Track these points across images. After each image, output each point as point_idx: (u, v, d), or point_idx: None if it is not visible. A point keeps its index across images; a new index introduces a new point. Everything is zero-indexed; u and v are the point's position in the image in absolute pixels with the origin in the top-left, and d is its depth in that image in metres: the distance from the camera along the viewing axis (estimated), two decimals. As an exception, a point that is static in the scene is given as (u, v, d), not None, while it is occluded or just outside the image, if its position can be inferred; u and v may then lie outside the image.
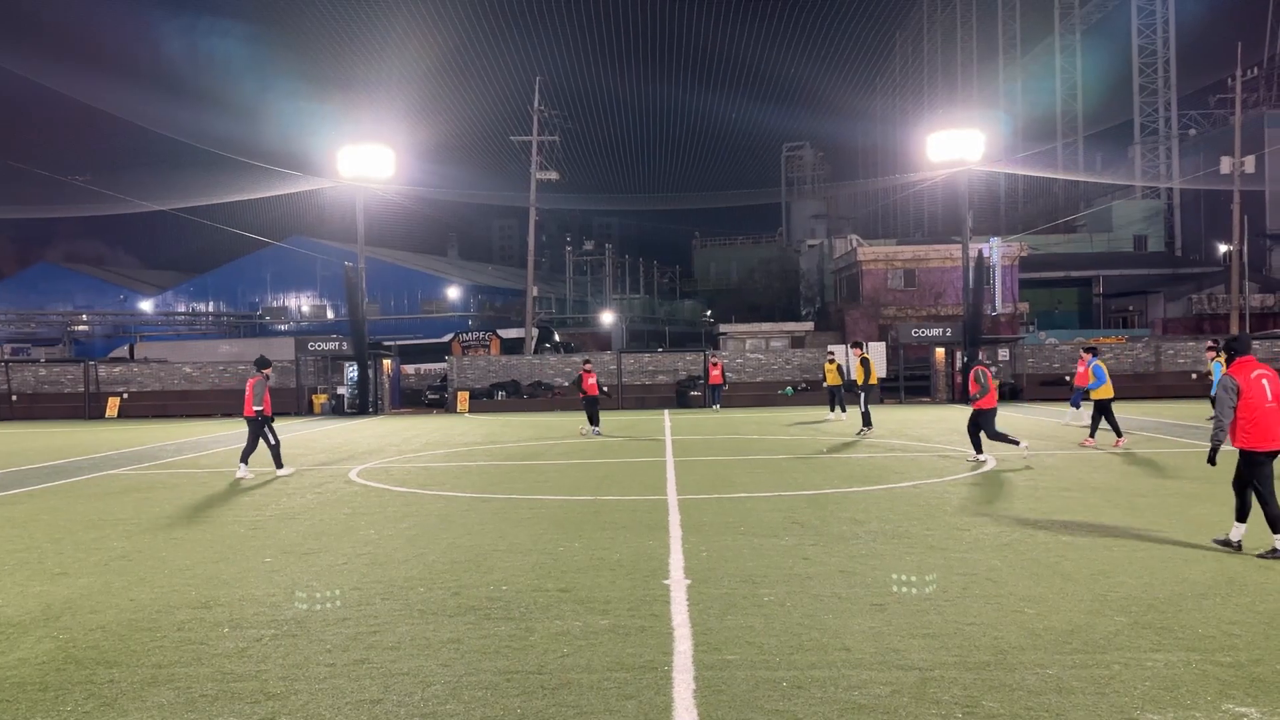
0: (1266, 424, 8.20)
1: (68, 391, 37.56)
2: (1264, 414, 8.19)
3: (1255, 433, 8.23)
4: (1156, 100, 73.64)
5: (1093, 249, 68.65)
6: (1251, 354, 8.51)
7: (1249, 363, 8.39)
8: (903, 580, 7.84)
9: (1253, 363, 8.39)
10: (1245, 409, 8.25)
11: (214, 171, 44.19)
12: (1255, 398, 8.22)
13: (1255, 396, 8.22)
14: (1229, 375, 8.38)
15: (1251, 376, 8.28)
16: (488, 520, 11.19)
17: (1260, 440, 8.23)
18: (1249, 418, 8.24)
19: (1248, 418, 8.24)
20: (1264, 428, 8.20)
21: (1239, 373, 8.34)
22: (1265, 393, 8.23)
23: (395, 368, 38.64)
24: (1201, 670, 5.56)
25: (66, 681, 5.79)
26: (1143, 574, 7.86)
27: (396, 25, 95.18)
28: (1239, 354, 8.51)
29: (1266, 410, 8.20)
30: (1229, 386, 8.28)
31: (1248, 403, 8.23)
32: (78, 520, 11.84)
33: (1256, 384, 8.25)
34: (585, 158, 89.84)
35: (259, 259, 71.31)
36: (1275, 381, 8.30)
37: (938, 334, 36.02)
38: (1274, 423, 8.23)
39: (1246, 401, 8.23)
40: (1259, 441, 8.24)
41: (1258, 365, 8.39)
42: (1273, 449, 8.27)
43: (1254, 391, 8.23)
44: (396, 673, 5.80)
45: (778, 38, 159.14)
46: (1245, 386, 8.25)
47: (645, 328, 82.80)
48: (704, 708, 5.14)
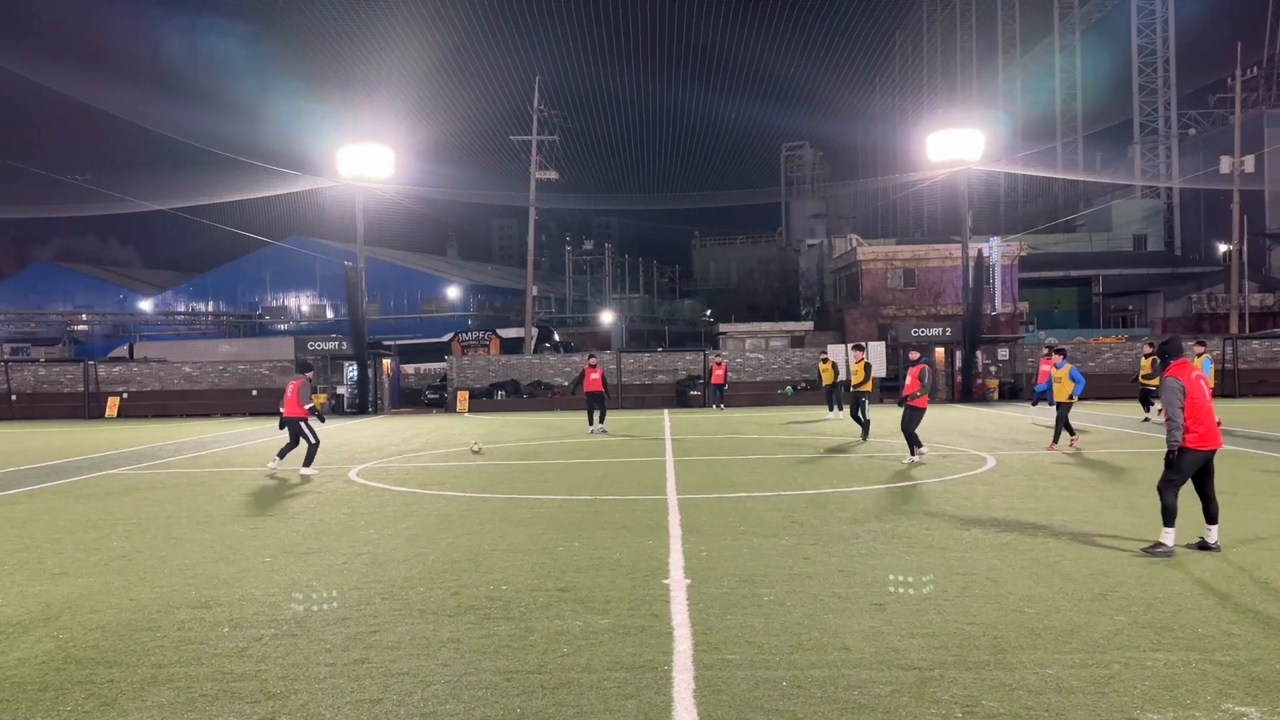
0: (1209, 422, 8.40)
1: (67, 391, 37.55)
2: (1205, 412, 8.38)
3: (1200, 431, 8.36)
4: (1156, 100, 73.64)
5: (1092, 248, 68.66)
6: (1185, 357, 8.65)
7: (1186, 364, 8.52)
8: (902, 580, 7.84)
9: (1189, 365, 8.54)
10: (1191, 409, 8.36)
11: (214, 171, 44.20)
12: (1199, 398, 8.38)
13: (1199, 397, 8.39)
14: (1173, 377, 8.46)
15: (1193, 378, 8.44)
16: (487, 520, 11.19)
17: (1203, 439, 8.38)
18: (1194, 417, 8.36)
19: (1193, 417, 8.36)
20: (1207, 426, 8.38)
21: (1182, 374, 8.44)
22: (1204, 392, 8.44)
23: (395, 367, 38.63)
24: (1201, 670, 5.57)
25: (66, 681, 5.79)
26: (1142, 573, 7.87)
27: (396, 24, 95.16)
28: (1175, 356, 8.60)
29: (1208, 409, 8.42)
30: (1176, 388, 8.35)
31: (1193, 403, 8.36)
32: (77, 520, 11.84)
33: (1197, 384, 8.41)
34: (585, 157, 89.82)
35: (258, 259, 71.30)
36: (1208, 383, 8.52)
37: (937, 333, 36.02)
38: (1213, 421, 8.47)
39: (1192, 402, 8.36)
40: (1203, 441, 8.38)
41: (1193, 367, 8.55)
42: (1213, 448, 8.45)
43: (1197, 392, 8.39)
44: (396, 672, 5.80)
45: (777, 37, 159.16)
46: (1190, 387, 8.37)
47: (645, 327, 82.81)
48: (704, 707, 5.14)
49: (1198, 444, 8.39)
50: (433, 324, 63.52)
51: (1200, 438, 8.38)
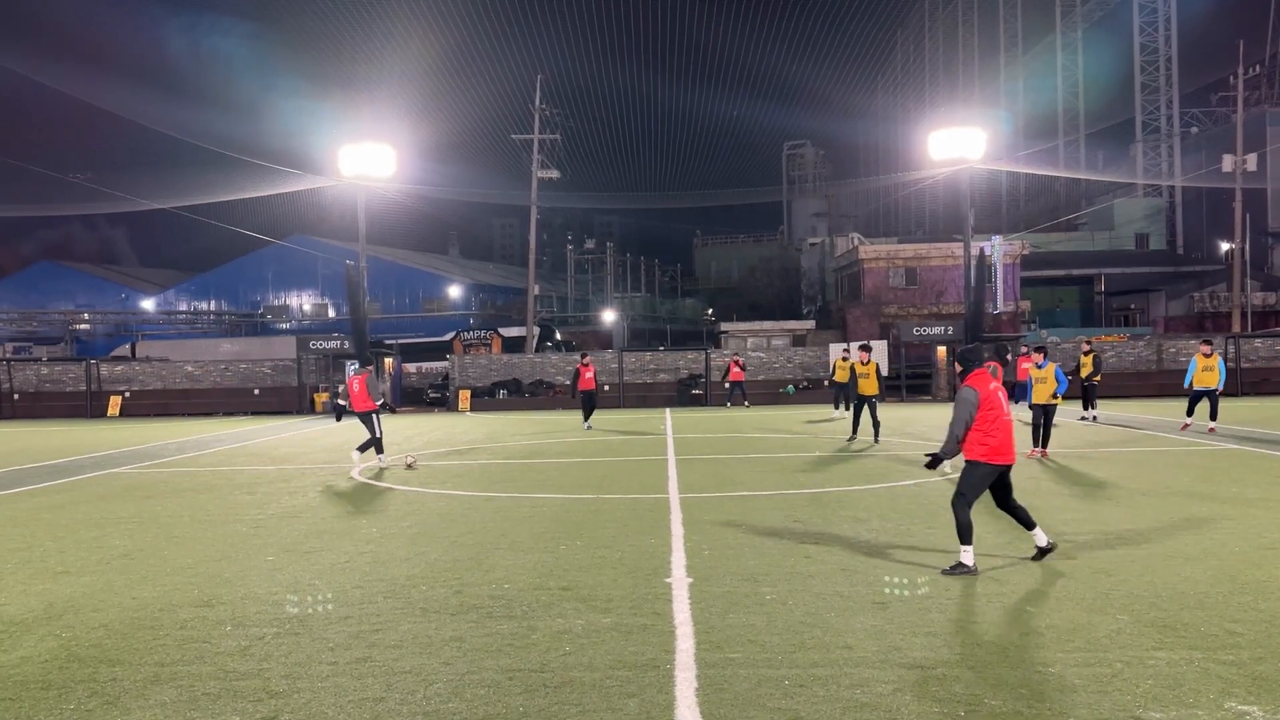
0: (1003, 436, 8.02)
1: (69, 390, 37.58)
2: (1001, 426, 8.00)
3: (992, 444, 7.99)
4: (1158, 98, 73.56)
5: (1094, 247, 68.59)
6: (985, 366, 8.28)
7: (985, 374, 8.17)
8: (904, 578, 7.84)
9: (988, 374, 8.18)
10: (986, 420, 8.00)
11: (215, 170, 44.23)
12: (996, 409, 8.03)
13: (996, 409, 8.03)
14: (969, 387, 8.09)
15: (990, 389, 8.07)
16: (489, 519, 11.20)
17: (996, 453, 8.01)
18: (989, 430, 7.99)
19: (987, 430, 7.99)
20: (1001, 440, 8.01)
21: (979, 384, 8.08)
22: (1002, 404, 8.06)
23: (397, 366, 38.65)
24: (1204, 668, 5.56)
25: (69, 680, 5.80)
26: (1145, 572, 7.86)
27: (398, 23, 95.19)
28: (976, 365, 8.25)
29: (1005, 422, 8.03)
30: (969, 400, 8.00)
31: (988, 414, 8.00)
32: (79, 519, 11.85)
33: (995, 396, 8.06)
34: (586, 156, 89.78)
35: (260, 258, 71.33)
36: (1006, 395, 8.16)
37: (939, 332, 36.03)
38: (1010, 435, 8.09)
39: (987, 413, 8.00)
40: (994, 454, 8.01)
41: (994, 378, 8.20)
42: (1006, 463, 8.07)
43: (994, 403, 8.04)
44: (399, 671, 5.81)
45: (779, 36, 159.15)
46: (986, 397, 8.02)
47: (646, 326, 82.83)
48: (706, 706, 5.14)
49: (990, 457, 7.99)
50: (434, 323, 63.54)
51: (994, 451, 7.98)
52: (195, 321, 71.70)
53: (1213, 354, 19.92)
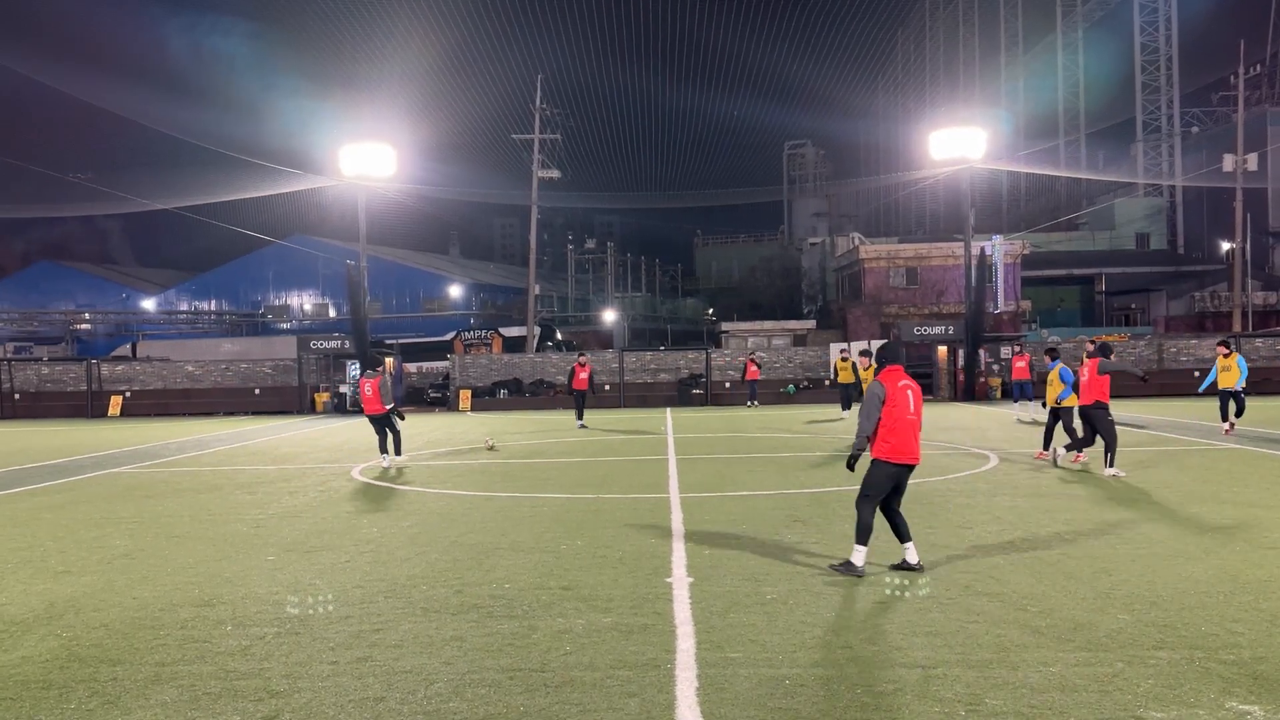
0: (906, 435, 7.96)
1: (70, 390, 37.59)
2: (905, 425, 7.94)
3: (894, 443, 7.94)
4: (1159, 98, 73.55)
5: (1095, 247, 68.57)
6: (901, 364, 8.25)
7: (897, 372, 8.13)
8: (904, 578, 7.84)
9: (900, 372, 8.14)
10: (888, 419, 7.96)
11: (216, 170, 44.22)
12: (899, 408, 7.96)
13: (899, 407, 7.96)
14: (878, 383, 8.07)
15: (899, 386, 8.01)
16: (490, 518, 11.20)
17: (898, 452, 7.97)
18: (891, 428, 7.96)
19: (890, 428, 7.96)
20: (903, 439, 7.95)
21: (887, 381, 8.04)
22: (909, 404, 7.99)
23: (397, 366, 38.65)
24: (1204, 668, 5.56)
25: (70, 679, 5.80)
26: (1145, 572, 7.86)
27: (398, 23, 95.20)
28: (888, 363, 8.23)
29: (908, 422, 7.96)
30: (876, 395, 7.98)
31: (891, 413, 7.95)
32: (80, 519, 11.85)
33: (902, 394, 7.98)
34: (587, 156, 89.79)
35: (261, 257, 71.34)
36: (918, 395, 8.09)
37: (940, 332, 36.02)
38: (914, 435, 8.02)
39: (890, 411, 7.95)
40: (896, 453, 7.97)
41: (905, 376, 8.14)
42: (909, 463, 8.03)
43: (899, 401, 7.96)
44: (399, 670, 5.81)
45: (779, 35, 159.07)
46: (891, 395, 7.96)
47: (647, 326, 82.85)
48: (707, 705, 5.14)
49: (890, 456, 7.96)
50: (435, 323, 63.52)
51: (894, 450, 7.95)
52: (196, 321, 71.71)
53: (1231, 353, 19.72)
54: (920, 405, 8.08)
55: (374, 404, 16.72)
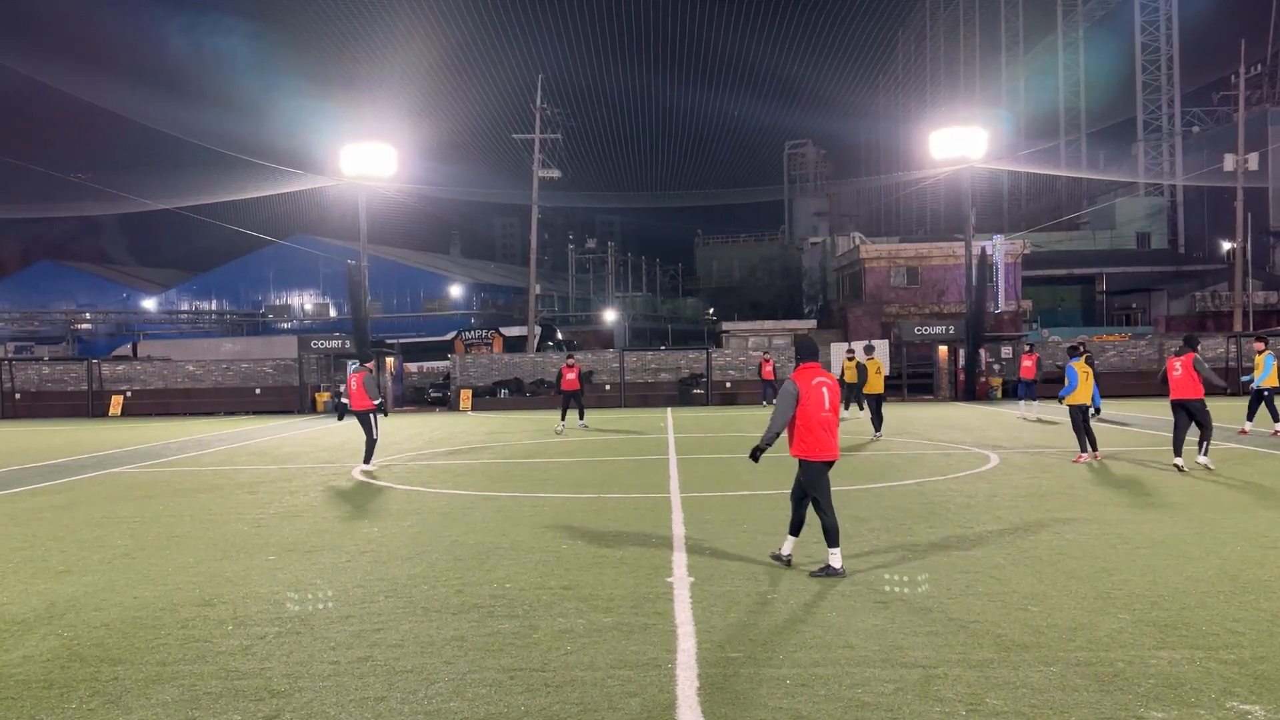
0: (820, 433, 7.96)
1: (71, 390, 37.59)
2: (819, 422, 7.94)
3: (810, 440, 7.96)
4: (1159, 97, 73.52)
5: (1095, 246, 68.55)
6: (817, 361, 8.27)
7: (813, 369, 8.14)
8: (906, 578, 7.84)
9: (816, 369, 8.14)
10: (802, 416, 7.97)
11: (217, 170, 44.23)
12: (813, 405, 7.95)
13: (813, 404, 7.95)
14: (791, 380, 8.08)
15: (813, 384, 8.00)
16: (490, 518, 11.20)
17: (815, 450, 7.97)
18: (805, 425, 7.96)
19: (804, 425, 7.97)
20: (818, 436, 7.95)
21: (800, 379, 8.04)
22: (823, 401, 7.97)
23: (398, 366, 38.66)
24: (1205, 668, 5.56)
25: (71, 679, 5.80)
26: (1146, 572, 7.86)
27: (399, 23, 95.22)
28: (803, 360, 8.24)
29: (823, 419, 7.96)
30: (790, 392, 7.99)
31: (805, 410, 7.95)
32: (81, 518, 11.86)
33: (816, 391, 7.97)
34: (587, 155, 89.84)
35: (261, 257, 71.35)
36: (834, 391, 8.06)
37: (940, 332, 36.01)
38: (829, 433, 8.01)
39: (804, 409, 7.95)
40: (813, 451, 7.97)
41: (821, 373, 8.12)
42: (827, 459, 8.03)
43: (813, 399, 7.96)
44: (400, 670, 5.81)
45: (780, 35, 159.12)
46: (805, 393, 7.96)
47: (648, 325, 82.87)
48: (707, 705, 5.14)
49: (810, 454, 7.98)
50: (435, 322, 63.53)
51: (812, 447, 7.96)
52: (197, 321, 71.73)
53: (1264, 350, 19.57)
54: (836, 402, 8.08)
55: (359, 399, 16.29)
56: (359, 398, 16.34)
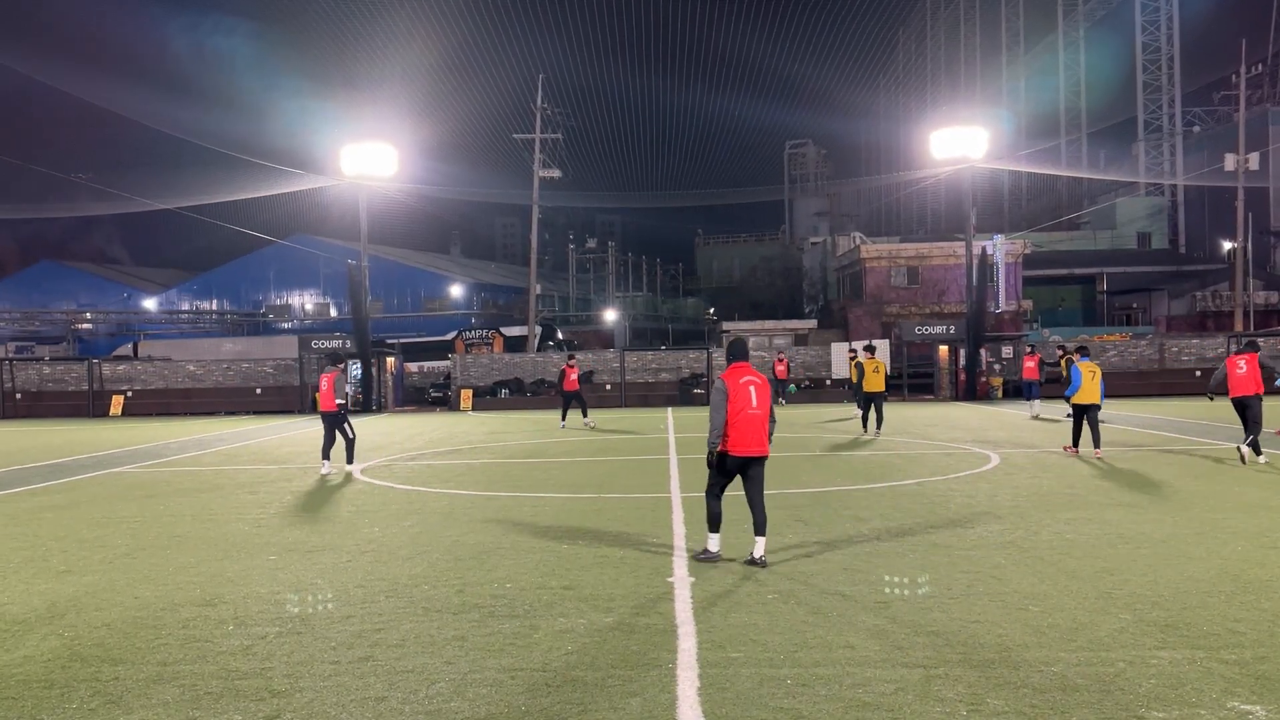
0: (745, 429, 8.29)
1: (71, 390, 37.60)
2: (745, 419, 8.29)
3: (734, 436, 8.30)
4: (1160, 97, 73.52)
5: (1096, 246, 68.56)
6: (747, 361, 8.64)
7: (742, 369, 8.50)
8: (907, 578, 7.83)
9: (745, 369, 8.49)
10: (731, 414, 8.31)
11: (217, 170, 44.27)
12: (741, 403, 8.30)
13: (741, 402, 8.30)
14: (720, 380, 8.45)
15: (740, 382, 8.36)
16: (491, 518, 11.20)
17: (738, 445, 8.31)
18: (733, 422, 8.31)
19: (731, 422, 8.31)
20: (742, 432, 8.29)
21: (729, 378, 8.41)
22: (750, 399, 8.32)
23: (398, 366, 38.66)
24: (1207, 668, 5.55)
25: (72, 679, 5.80)
26: (1147, 572, 7.86)
27: (400, 23, 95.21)
28: (733, 359, 8.63)
29: (749, 416, 8.30)
30: (720, 390, 8.34)
31: (733, 407, 8.30)
32: (82, 518, 11.86)
33: (744, 389, 8.33)
34: (588, 155, 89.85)
35: (262, 257, 71.39)
36: (762, 391, 8.40)
37: (941, 331, 36.00)
38: (753, 430, 8.32)
39: (733, 406, 8.29)
40: (737, 446, 8.32)
41: (749, 372, 8.47)
42: (750, 454, 8.34)
43: (740, 397, 8.31)
44: (401, 670, 5.81)
45: (780, 35, 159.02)
46: (733, 391, 8.31)
47: (648, 325, 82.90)
48: (708, 705, 5.14)
49: (732, 449, 8.32)
50: (436, 322, 63.57)
51: (735, 443, 8.30)
52: (197, 321, 71.75)
53: None
54: (765, 399, 8.40)
55: (326, 400, 15.99)
56: (326, 399, 16.01)
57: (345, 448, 16.03)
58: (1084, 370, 16.14)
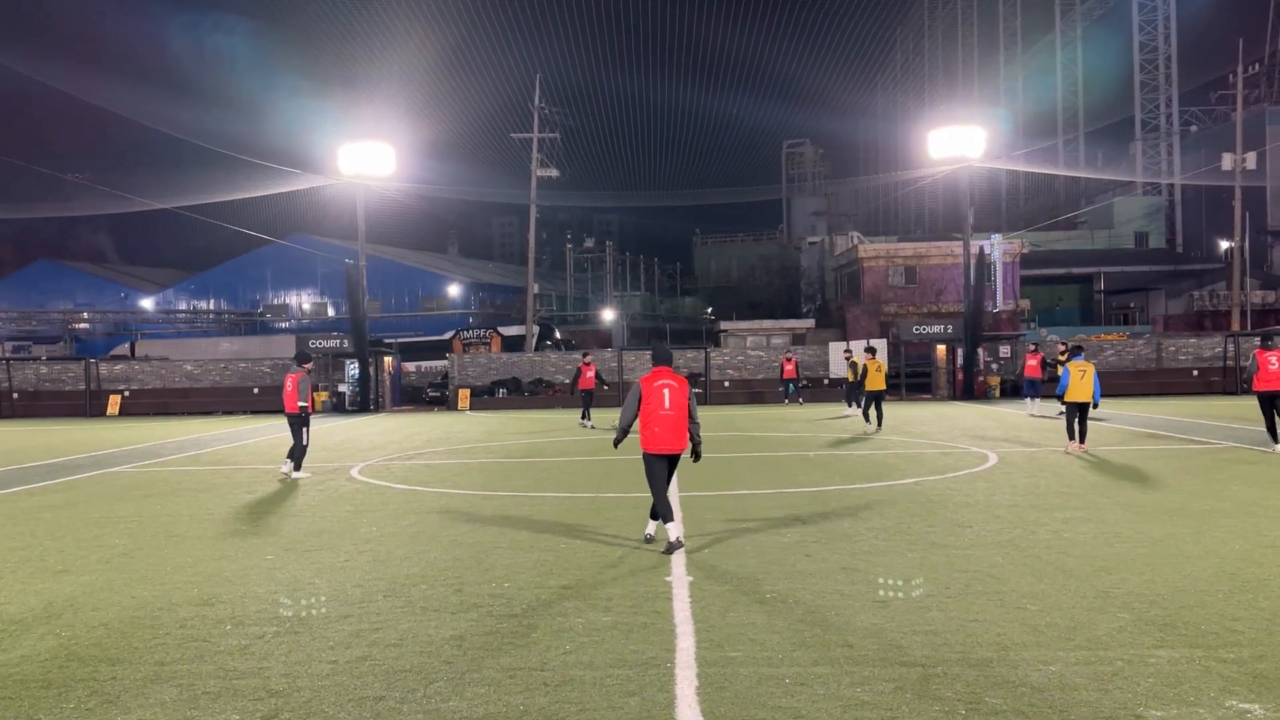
0: (656, 428, 9.01)
1: (68, 389, 37.57)
2: (656, 419, 9.00)
3: (647, 435, 9.05)
4: (1158, 96, 73.53)
5: (1094, 246, 68.58)
6: (668, 366, 9.32)
7: (660, 373, 9.21)
8: (904, 577, 7.83)
9: (663, 374, 9.19)
10: (644, 414, 9.04)
11: (215, 169, 44.19)
12: (654, 404, 9.03)
13: (654, 403, 9.03)
14: (638, 382, 9.15)
15: (655, 385, 9.07)
16: (489, 518, 11.20)
17: (650, 443, 9.05)
18: (645, 422, 9.06)
19: (644, 422, 9.06)
20: (654, 431, 9.02)
21: (646, 381, 9.13)
22: (663, 401, 9.02)
23: (396, 365, 38.64)
24: (1205, 666, 5.56)
25: (69, 679, 5.79)
26: (1145, 570, 7.86)
27: (398, 22, 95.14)
28: (655, 364, 9.35)
29: (660, 416, 9.01)
30: (635, 392, 9.12)
31: (646, 408, 9.02)
32: (79, 518, 11.84)
33: (658, 392, 9.04)
34: (586, 155, 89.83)
35: (260, 256, 71.29)
36: (677, 393, 9.07)
37: (939, 331, 36.03)
38: (666, 429, 9.02)
39: (646, 407, 9.02)
40: (649, 444, 9.07)
41: (667, 376, 9.16)
42: (661, 452, 9.06)
43: (654, 399, 9.03)
44: (399, 670, 5.80)
45: (778, 34, 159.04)
46: (647, 394, 9.02)
47: (646, 325, 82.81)
48: (707, 704, 5.14)
49: (647, 446, 9.10)
50: (434, 322, 63.54)
51: (649, 441, 9.06)
52: (195, 320, 71.67)
53: None
54: (680, 401, 9.09)
55: (289, 401, 15.48)
56: (290, 400, 15.49)
57: (293, 449, 15.48)
58: (1073, 370, 16.75)
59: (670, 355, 9.61)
